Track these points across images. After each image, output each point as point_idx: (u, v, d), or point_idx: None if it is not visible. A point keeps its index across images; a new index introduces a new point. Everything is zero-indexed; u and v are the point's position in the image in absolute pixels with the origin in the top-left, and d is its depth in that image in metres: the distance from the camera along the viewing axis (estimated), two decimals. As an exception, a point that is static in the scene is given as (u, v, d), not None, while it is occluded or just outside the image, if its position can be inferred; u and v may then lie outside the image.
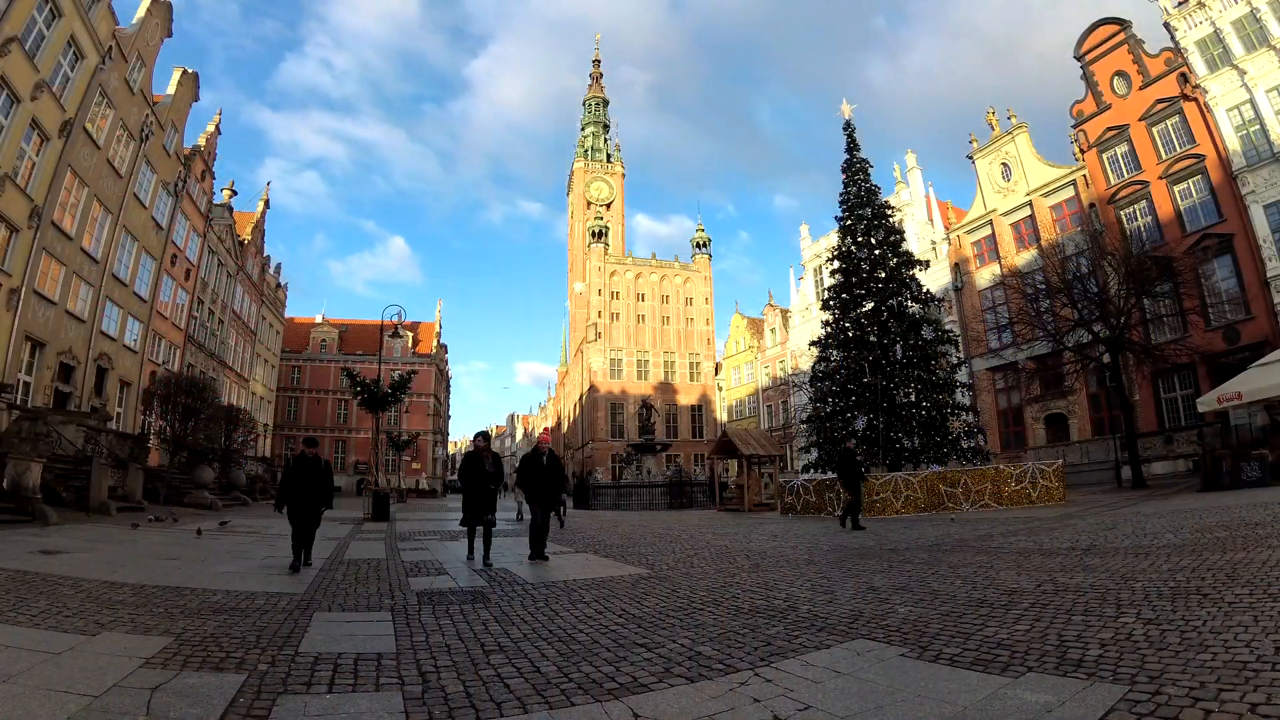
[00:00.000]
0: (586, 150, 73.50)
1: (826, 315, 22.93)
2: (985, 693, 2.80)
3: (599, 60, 79.53)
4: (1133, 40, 25.69)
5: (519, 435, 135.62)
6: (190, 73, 27.24)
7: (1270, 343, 19.81)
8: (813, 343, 24.71)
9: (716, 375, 59.30)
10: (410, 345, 55.01)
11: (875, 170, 23.69)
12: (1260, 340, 20.58)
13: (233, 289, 35.59)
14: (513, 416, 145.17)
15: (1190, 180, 23.81)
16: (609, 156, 73.98)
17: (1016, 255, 29.02)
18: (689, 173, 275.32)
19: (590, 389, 56.67)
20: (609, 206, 70.80)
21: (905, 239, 23.41)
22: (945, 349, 21.69)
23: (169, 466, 19.92)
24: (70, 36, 18.17)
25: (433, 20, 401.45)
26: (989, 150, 30.91)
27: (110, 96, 20.69)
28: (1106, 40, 26.37)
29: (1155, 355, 20.25)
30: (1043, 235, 27.60)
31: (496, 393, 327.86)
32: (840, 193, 23.42)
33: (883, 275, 21.50)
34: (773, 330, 51.09)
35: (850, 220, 22.75)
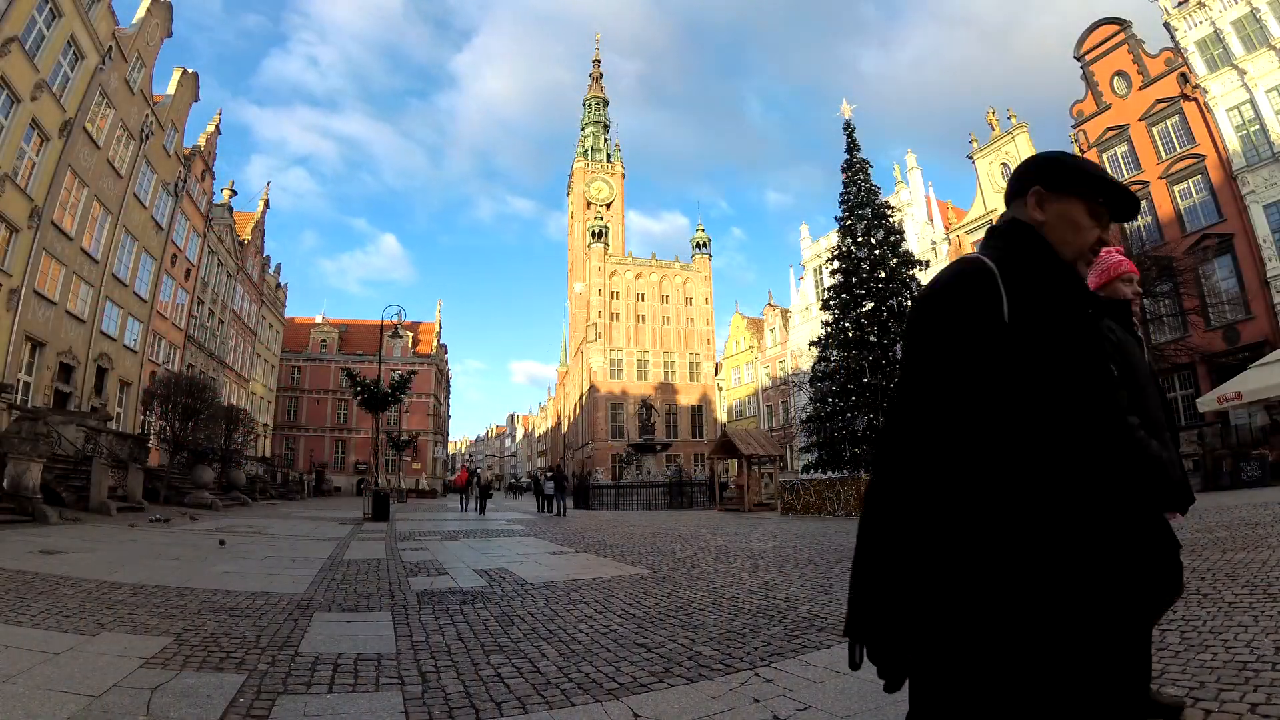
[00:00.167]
0: (586, 150, 73.48)
1: (826, 315, 22.93)
2: (985, 693, 2.80)
3: (599, 60, 79.60)
4: (1133, 40, 25.69)
5: (519, 435, 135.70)
6: (190, 73, 27.26)
7: (1270, 343, 19.82)
8: (813, 343, 24.72)
9: (716, 375, 59.30)
10: (410, 345, 55.02)
11: (874, 168, 23.74)
12: (1260, 340, 20.58)
13: (233, 289, 35.59)
14: (513, 416, 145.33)
15: (1190, 180, 23.81)
16: (609, 156, 73.96)
17: (1016, 255, 29.02)
18: (680, 168, 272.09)
19: (590, 389, 56.67)
20: (609, 206, 70.80)
21: (905, 239, 23.42)
22: (946, 349, 21.69)
23: (169, 466, 19.92)
24: (70, 36, 18.18)
25: (416, 12, 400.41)
26: (989, 150, 30.92)
27: (110, 96, 20.69)
28: (1106, 40, 26.38)
29: (1155, 355, 20.27)
30: (1043, 235, 27.59)
31: (493, 392, 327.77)
32: (840, 193, 23.45)
33: (883, 275, 21.50)
34: (773, 330, 51.10)
35: (850, 220, 22.77)
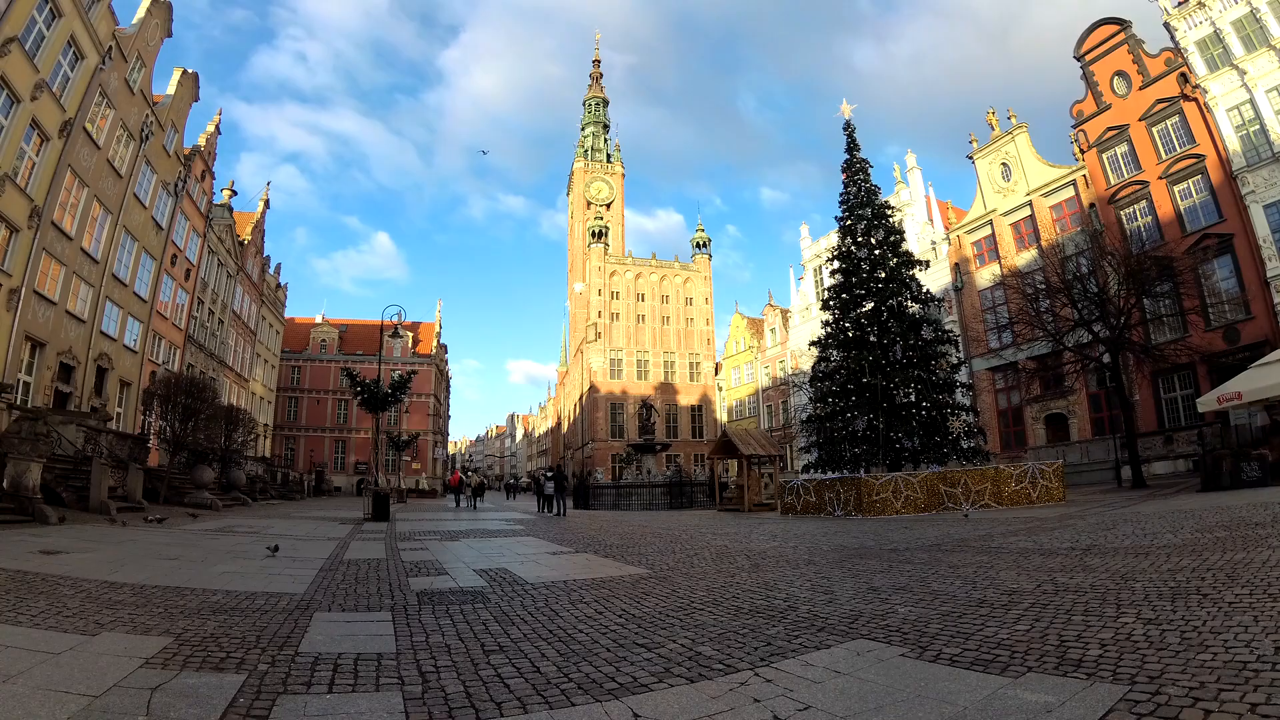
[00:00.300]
0: (586, 150, 73.47)
1: (826, 315, 22.94)
2: (985, 693, 2.80)
3: (599, 60, 79.59)
4: (1133, 40, 25.69)
5: (519, 435, 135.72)
6: (190, 73, 27.24)
7: (1270, 343, 19.82)
8: (813, 343, 24.72)
9: (716, 375, 59.29)
10: (410, 345, 55.02)
11: (874, 169, 23.76)
12: (1260, 340, 20.58)
13: (233, 289, 35.58)
14: (513, 416, 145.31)
15: (1190, 180, 23.81)
16: (609, 157, 73.95)
17: (1016, 255, 29.03)
18: (674, 165, 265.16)
19: (590, 389, 56.66)
20: (609, 206, 70.79)
21: (905, 239, 23.42)
22: (945, 349, 21.70)
23: (169, 466, 19.91)
24: (70, 36, 18.17)
25: (402, 8, 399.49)
26: (989, 150, 30.91)
27: (110, 96, 20.68)
28: (1106, 40, 26.37)
29: (1155, 355, 20.26)
30: (1043, 235, 27.61)
31: (490, 391, 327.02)
32: (840, 193, 23.46)
33: (883, 275, 21.50)
34: (773, 330, 51.09)
35: (850, 220, 22.77)
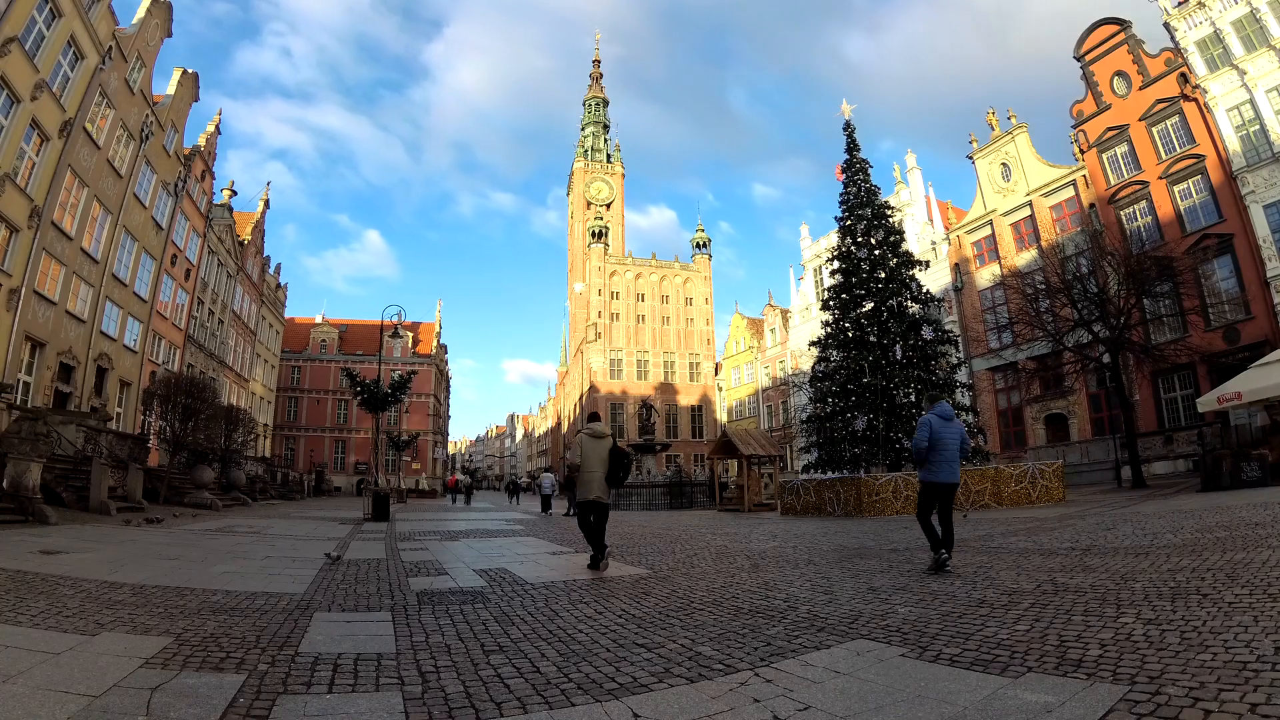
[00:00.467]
0: (586, 150, 73.50)
1: (826, 315, 22.94)
2: (985, 693, 2.80)
3: (599, 60, 79.60)
4: (1133, 40, 25.70)
5: (519, 435, 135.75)
6: (190, 73, 27.26)
7: (1270, 343, 19.82)
8: (813, 343, 24.72)
9: (716, 375, 59.30)
10: (410, 345, 55.04)
11: (874, 169, 23.74)
12: (1260, 340, 20.59)
13: (233, 289, 35.59)
14: (513, 416, 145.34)
15: (1190, 180, 23.82)
16: (609, 157, 73.97)
17: (1016, 255, 29.03)
18: (664, 161, 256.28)
19: (590, 389, 56.67)
20: (609, 206, 70.82)
21: (905, 239, 23.42)
22: (945, 349, 21.70)
23: (169, 466, 19.91)
24: (70, 36, 18.17)
25: (383, 1, 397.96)
26: (989, 150, 30.91)
27: (110, 96, 20.69)
28: (1106, 40, 26.38)
29: (1155, 355, 20.26)
30: (1043, 235, 27.61)
31: (488, 391, 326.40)
32: (840, 193, 23.46)
33: (883, 275, 21.50)
34: (773, 330, 51.10)
35: (850, 220, 22.77)
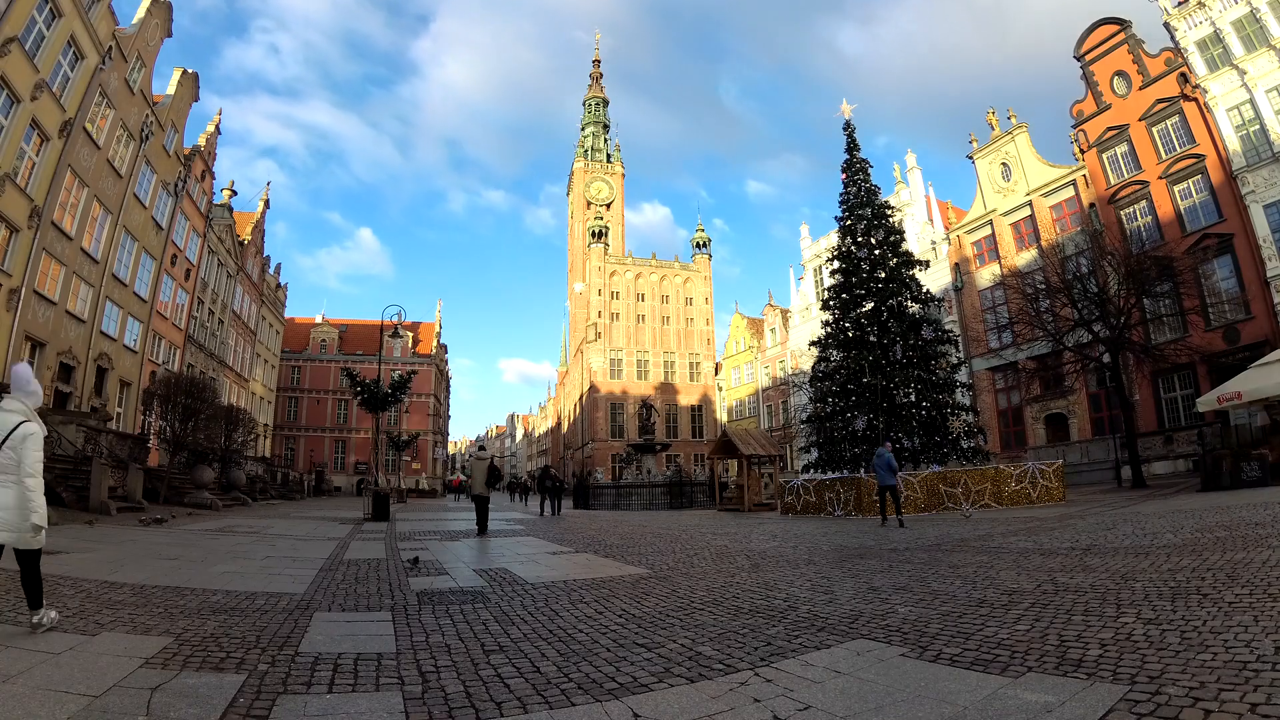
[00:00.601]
0: (586, 150, 73.48)
1: (826, 315, 22.92)
2: (985, 693, 2.80)
3: (599, 60, 79.55)
4: (1133, 40, 25.69)
5: (519, 435, 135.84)
6: (190, 73, 27.26)
7: (1270, 343, 19.82)
8: (813, 343, 24.71)
9: (716, 375, 59.30)
10: (410, 345, 55.03)
11: (872, 167, 23.70)
12: (1260, 340, 20.58)
13: (233, 289, 35.58)
14: (513, 416, 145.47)
15: (1190, 180, 23.81)
16: (609, 157, 73.96)
17: (1016, 255, 29.02)
18: (657, 157, 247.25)
19: (590, 389, 56.67)
20: (609, 206, 70.80)
21: (905, 239, 23.41)
22: (945, 349, 21.69)
23: (169, 466, 19.91)
24: (70, 36, 18.17)
25: None
26: (989, 150, 30.91)
27: (110, 96, 20.69)
28: (1106, 40, 26.37)
29: (1155, 355, 20.25)
30: (1043, 235, 27.61)
31: (485, 391, 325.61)
32: (840, 193, 23.44)
33: (883, 275, 21.49)
34: (773, 330, 51.10)
35: (850, 220, 22.76)
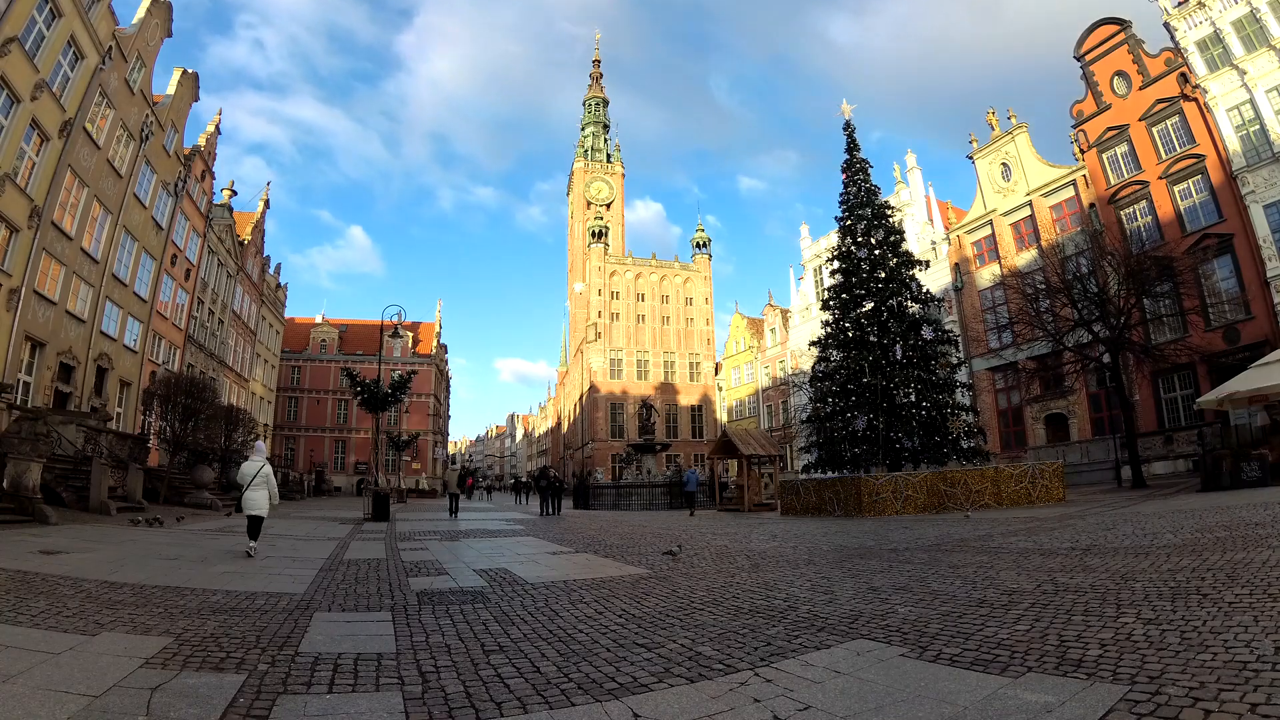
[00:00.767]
0: (586, 150, 73.49)
1: (826, 315, 22.92)
2: (985, 693, 2.80)
3: (599, 60, 79.55)
4: (1133, 40, 25.69)
5: (519, 435, 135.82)
6: (190, 73, 27.25)
7: (1270, 343, 19.81)
8: (813, 343, 24.71)
9: (716, 375, 59.30)
10: (410, 345, 55.02)
11: (872, 167, 23.69)
12: (1260, 340, 20.58)
13: (233, 289, 35.58)
14: (513, 416, 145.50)
15: (1190, 180, 23.81)
16: (609, 157, 73.97)
17: (1016, 255, 29.02)
18: (648, 152, 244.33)
19: (590, 389, 56.67)
20: (609, 206, 70.82)
21: (905, 239, 23.40)
22: (945, 349, 21.69)
23: (169, 466, 19.91)
24: (70, 36, 18.16)
25: None
26: (989, 150, 30.91)
27: (110, 96, 20.68)
28: (1106, 40, 26.37)
29: (1155, 355, 20.25)
30: (1043, 235, 27.60)
31: (482, 390, 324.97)
32: (840, 193, 23.44)
33: (883, 275, 21.49)
34: (773, 330, 51.10)
35: (850, 220, 22.76)
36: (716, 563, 7.88)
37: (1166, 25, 24.05)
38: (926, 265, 23.26)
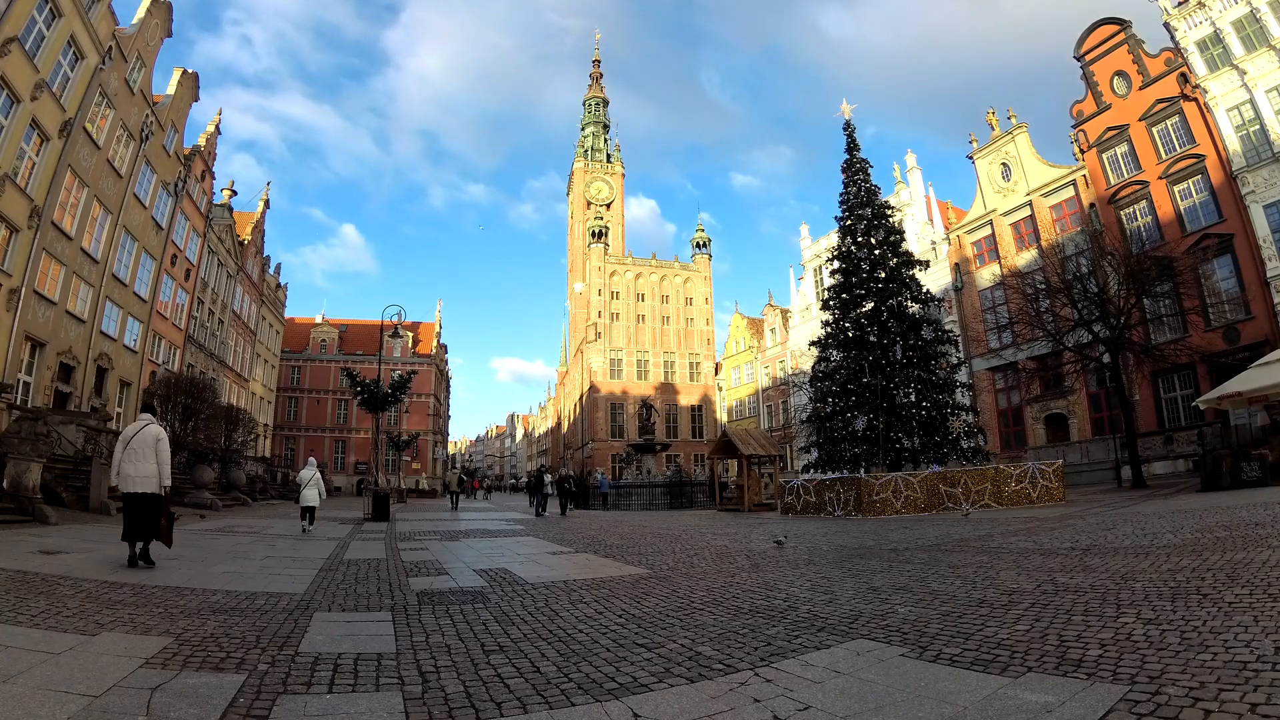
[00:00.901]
0: (586, 150, 73.50)
1: (826, 315, 22.92)
2: (985, 693, 2.80)
3: (599, 60, 79.59)
4: (1133, 40, 25.69)
5: (519, 435, 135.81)
6: (190, 73, 27.26)
7: (1270, 343, 19.81)
8: (813, 343, 24.71)
9: (716, 375, 59.30)
10: (410, 345, 55.02)
11: (872, 167, 23.67)
12: (1260, 340, 20.58)
13: (233, 289, 35.58)
14: (513, 416, 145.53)
15: (1190, 180, 23.81)
16: (609, 157, 73.98)
17: (1016, 255, 29.03)
18: (639, 148, 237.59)
19: (590, 389, 56.67)
20: (609, 206, 70.83)
21: (905, 239, 23.40)
22: (945, 349, 21.69)
23: (169, 466, 19.93)
24: (70, 36, 18.17)
25: None
26: (989, 150, 30.91)
27: (110, 97, 20.68)
28: (1106, 40, 26.37)
29: (1155, 355, 20.26)
30: (1043, 235, 27.60)
31: (480, 390, 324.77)
32: (840, 193, 23.42)
33: (883, 275, 21.48)
34: (773, 330, 51.10)
35: (850, 220, 22.75)
36: (716, 563, 7.88)
37: (1166, 25, 24.06)
38: (926, 265, 23.25)
